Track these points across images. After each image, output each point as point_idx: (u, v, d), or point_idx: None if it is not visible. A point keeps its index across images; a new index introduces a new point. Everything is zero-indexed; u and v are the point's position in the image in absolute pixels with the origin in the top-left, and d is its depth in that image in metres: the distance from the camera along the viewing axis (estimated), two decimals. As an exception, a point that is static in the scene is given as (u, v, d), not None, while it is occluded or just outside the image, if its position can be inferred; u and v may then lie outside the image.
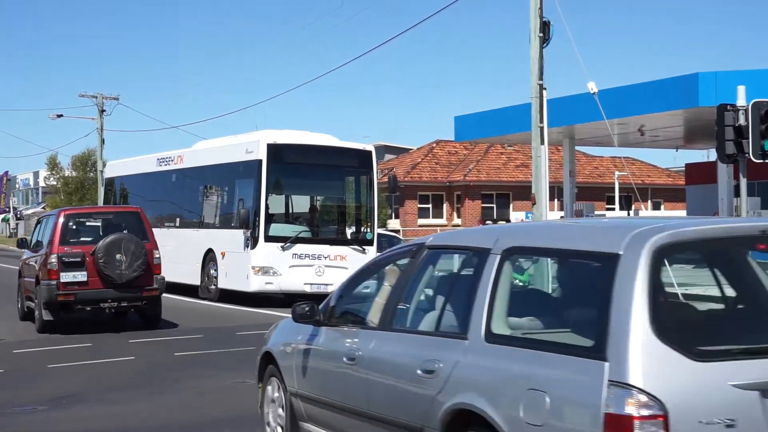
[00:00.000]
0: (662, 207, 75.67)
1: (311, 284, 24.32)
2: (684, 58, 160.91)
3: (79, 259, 19.79)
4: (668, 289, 6.27)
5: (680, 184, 67.34)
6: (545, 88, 25.98)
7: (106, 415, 12.06)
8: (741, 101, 20.00)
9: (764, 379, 5.51)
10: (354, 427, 7.80)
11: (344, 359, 7.83)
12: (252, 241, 24.54)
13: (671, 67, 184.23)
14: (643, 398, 5.32)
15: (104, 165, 66.75)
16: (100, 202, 65.45)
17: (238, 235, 25.12)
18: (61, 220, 20.46)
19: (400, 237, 33.41)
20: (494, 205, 68.21)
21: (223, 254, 26.14)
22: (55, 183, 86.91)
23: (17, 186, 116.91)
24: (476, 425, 6.24)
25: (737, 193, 29.91)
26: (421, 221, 67.98)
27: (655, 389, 5.35)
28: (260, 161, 24.60)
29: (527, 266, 8.27)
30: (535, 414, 5.83)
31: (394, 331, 7.55)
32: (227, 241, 25.94)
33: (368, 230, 25.96)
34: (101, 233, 20.87)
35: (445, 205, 69.12)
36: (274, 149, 24.78)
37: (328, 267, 24.51)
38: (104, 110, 63.30)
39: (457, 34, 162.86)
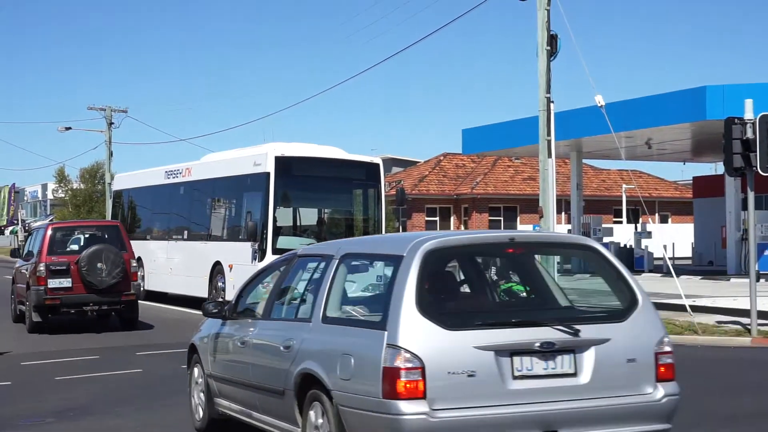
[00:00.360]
0: (670, 220, 75.58)
1: None
2: (692, 71, 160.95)
3: (64, 268, 22.61)
4: (432, 280, 8.29)
5: (688, 197, 67.28)
6: (553, 102, 26.01)
7: (113, 428, 12.05)
8: (749, 114, 19.97)
9: (497, 343, 7.68)
10: (245, 395, 10.01)
11: (238, 344, 10.14)
12: (260, 254, 24.40)
13: (679, 80, 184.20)
14: (407, 355, 7.49)
15: (112, 178, 66.86)
16: (108, 214, 65.56)
17: (246, 247, 24.99)
18: (49, 232, 23.49)
19: None
20: (501, 218, 68.24)
21: (230, 267, 26.03)
22: (63, 195, 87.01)
23: (25, 198, 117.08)
24: (314, 384, 8.40)
25: (745, 207, 30.00)
26: (428, 234, 67.92)
27: (416, 349, 7.51)
28: (268, 174, 24.59)
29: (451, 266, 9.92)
30: (346, 371, 8.00)
31: (270, 320, 9.82)
32: (235, 253, 25.78)
33: None
34: (84, 244, 23.74)
35: (452, 218, 69.15)
36: (281, 162, 24.77)
37: None
38: (113, 123, 63.50)
39: (464, 47, 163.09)
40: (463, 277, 9.43)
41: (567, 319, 8.14)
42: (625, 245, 50.86)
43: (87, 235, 24.67)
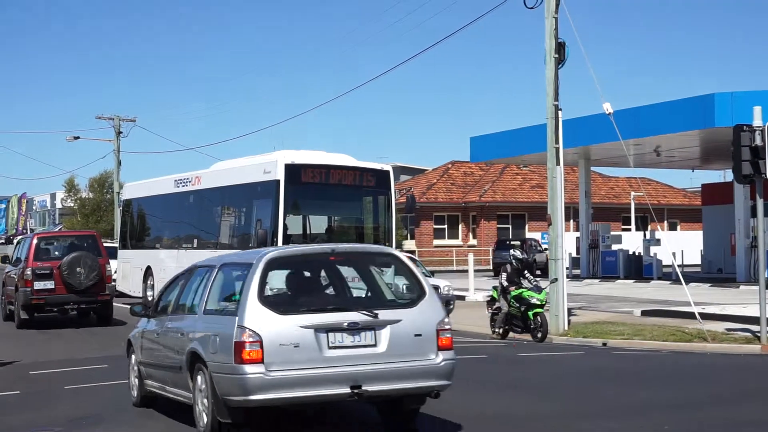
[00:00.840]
0: (678, 227, 75.47)
1: None
2: (700, 78, 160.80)
3: (48, 272, 26.25)
4: (272, 279, 11.47)
5: (696, 204, 67.17)
6: (561, 109, 25.96)
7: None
8: (757, 121, 19.96)
9: (315, 323, 10.72)
10: (161, 375, 12.94)
11: (155, 335, 13.19)
12: None
13: (687, 87, 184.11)
14: (250, 332, 10.49)
15: (121, 187, 66.99)
16: (117, 223, 65.76)
17: None
18: (35, 241, 27.42)
19: (415, 258, 33.19)
20: (510, 226, 68.25)
21: None
22: (72, 205, 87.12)
23: (34, 208, 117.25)
24: (197, 359, 11.39)
25: (754, 214, 29.91)
26: (436, 242, 68.04)
27: (256, 328, 10.51)
28: (278, 181, 24.42)
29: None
30: (215, 347, 11.04)
31: (175, 316, 12.79)
32: None
33: None
34: (65, 251, 27.33)
35: (460, 226, 69.13)
36: (291, 169, 24.59)
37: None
38: (121, 132, 63.65)
39: (471, 55, 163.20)
40: (298, 277, 12.11)
41: (371, 306, 11.18)
42: (634, 253, 50.75)
43: (67, 244, 28.46)
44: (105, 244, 39.52)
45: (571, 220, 58.59)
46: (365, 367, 10.76)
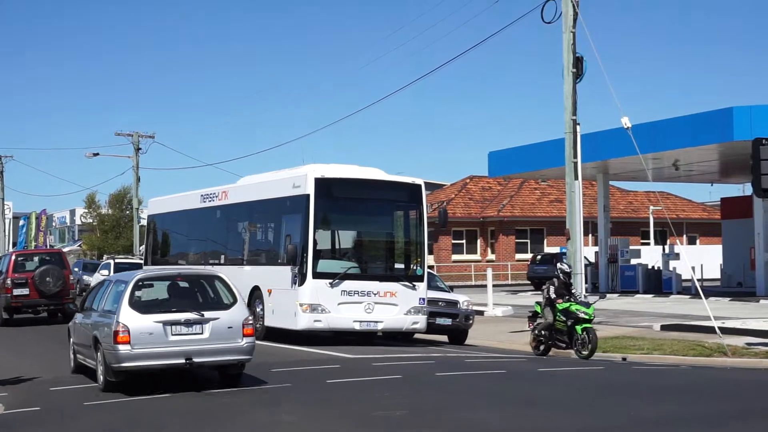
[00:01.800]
0: (698, 241, 75.18)
1: (360, 321, 23.92)
2: (719, 91, 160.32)
3: (24, 281, 33.82)
4: (140, 292, 17.32)
5: (716, 218, 66.94)
6: (579, 124, 25.99)
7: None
8: (776, 135, 19.88)
9: (163, 319, 16.51)
10: (83, 351, 18.57)
11: (80, 325, 18.92)
12: (300, 278, 23.78)
13: (706, 101, 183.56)
14: (122, 325, 16.18)
15: (140, 203, 67.25)
16: (136, 239, 65.91)
17: (286, 271, 24.36)
18: (13, 257, 35.75)
19: (434, 273, 33.02)
20: (528, 241, 68.15)
21: (269, 291, 25.29)
22: (91, 221, 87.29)
23: (54, 224, 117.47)
24: (97, 342, 17.09)
25: (774, 227, 29.76)
26: (455, 257, 67.96)
27: (126, 323, 16.27)
28: (308, 196, 23.76)
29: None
30: (104, 334, 16.69)
31: (90, 311, 18.50)
32: (274, 277, 25.13)
33: (418, 266, 24.95)
34: (38, 265, 34.78)
35: (478, 241, 69.04)
36: (322, 183, 23.94)
37: (378, 304, 23.98)
38: (140, 148, 63.82)
39: (490, 69, 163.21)
40: (156, 291, 17.82)
41: (200, 309, 16.87)
42: (653, 267, 50.57)
43: (39, 259, 35.98)
44: (127, 260, 42.47)
45: (590, 235, 58.43)
46: (195, 346, 16.52)
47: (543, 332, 22.43)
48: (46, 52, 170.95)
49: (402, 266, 25.13)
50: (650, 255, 56.46)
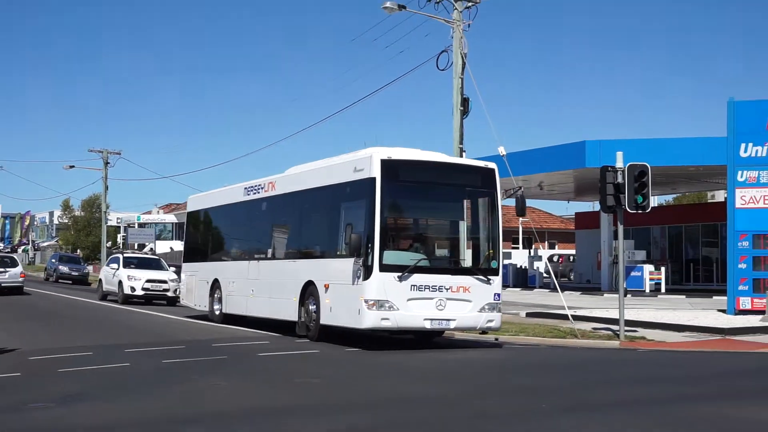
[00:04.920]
0: (556, 247, 76.33)
1: (432, 319, 18.01)
2: (576, 126, 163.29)
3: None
4: None
5: (571, 228, 68.07)
6: (465, 151, 26.27)
7: (106, 410, 11.88)
8: (619, 164, 20.40)
9: None
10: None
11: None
12: (364, 271, 17.65)
13: (565, 134, 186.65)
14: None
15: (108, 207, 66.29)
16: (104, 237, 64.93)
17: (346, 264, 18.26)
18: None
19: None
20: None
21: (326, 287, 19.22)
22: (66, 221, 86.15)
23: (35, 223, 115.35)
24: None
25: (616, 237, 30.42)
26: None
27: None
28: (373, 179, 17.71)
29: None
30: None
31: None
32: (331, 271, 19.10)
33: (493, 258, 19.15)
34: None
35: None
36: (388, 166, 17.91)
37: (450, 300, 18.10)
38: (108, 162, 63.20)
39: (391, 108, 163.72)
40: None
41: None
42: (520, 266, 51.28)
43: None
44: (134, 255, 45.40)
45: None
46: None
47: None
48: (27, 73, 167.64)
49: (476, 258, 19.20)
50: (519, 257, 57.20)
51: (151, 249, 69.55)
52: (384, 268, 17.54)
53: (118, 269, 36.56)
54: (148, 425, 10.57)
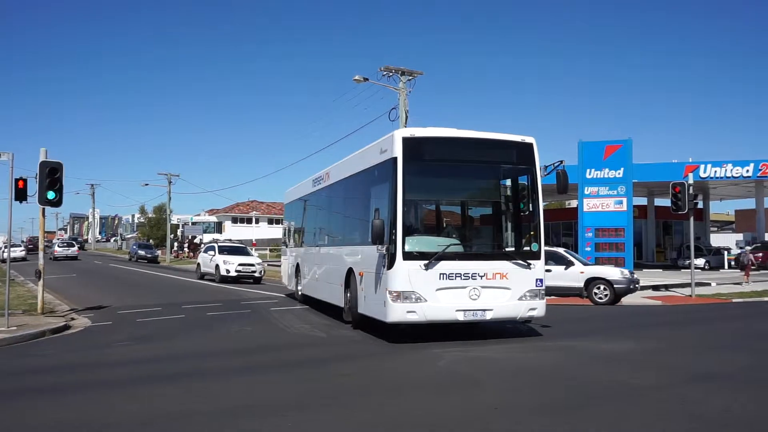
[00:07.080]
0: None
1: (465, 310, 11.71)
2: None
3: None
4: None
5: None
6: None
7: (169, 347, 11.99)
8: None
9: None
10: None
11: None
12: (388, 259, 11.67)
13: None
14: None
15: (170, 211, 66.10)
16: (168, 231, 64.78)
17: (374, 252, 12.23)
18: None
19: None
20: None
21: (361, 275, 13.19)
22: (143, 221, 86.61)
23: (122, 222, 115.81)
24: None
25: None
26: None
27: None
28: (395, 159, 11.73)
29: None
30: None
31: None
32: (364, 259, 13.04)
33: (533, 240, 12.40)
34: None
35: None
36: (411, 143, 11.80)
37: (486, 288, 11.83)
38: (171, 181, 63.27)
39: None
40: None
41: None
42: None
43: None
44: (227, 243, 37.22)
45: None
46: None
47: None
48: (102, 106, 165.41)
49: (513, 241, 12.69)
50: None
51: (200, 239, 70.28)
52: (407, 256, 11.57)
53: (215, 255, 31.87)
54: (194, 356, 10.64)
